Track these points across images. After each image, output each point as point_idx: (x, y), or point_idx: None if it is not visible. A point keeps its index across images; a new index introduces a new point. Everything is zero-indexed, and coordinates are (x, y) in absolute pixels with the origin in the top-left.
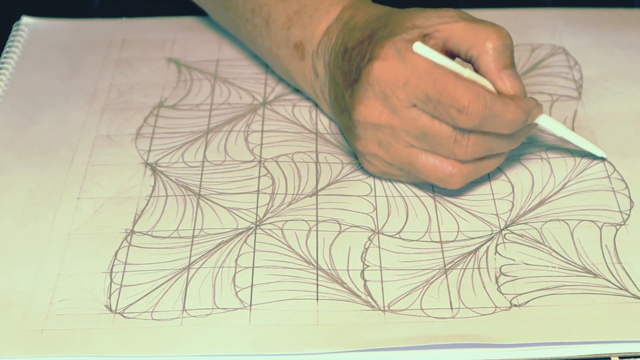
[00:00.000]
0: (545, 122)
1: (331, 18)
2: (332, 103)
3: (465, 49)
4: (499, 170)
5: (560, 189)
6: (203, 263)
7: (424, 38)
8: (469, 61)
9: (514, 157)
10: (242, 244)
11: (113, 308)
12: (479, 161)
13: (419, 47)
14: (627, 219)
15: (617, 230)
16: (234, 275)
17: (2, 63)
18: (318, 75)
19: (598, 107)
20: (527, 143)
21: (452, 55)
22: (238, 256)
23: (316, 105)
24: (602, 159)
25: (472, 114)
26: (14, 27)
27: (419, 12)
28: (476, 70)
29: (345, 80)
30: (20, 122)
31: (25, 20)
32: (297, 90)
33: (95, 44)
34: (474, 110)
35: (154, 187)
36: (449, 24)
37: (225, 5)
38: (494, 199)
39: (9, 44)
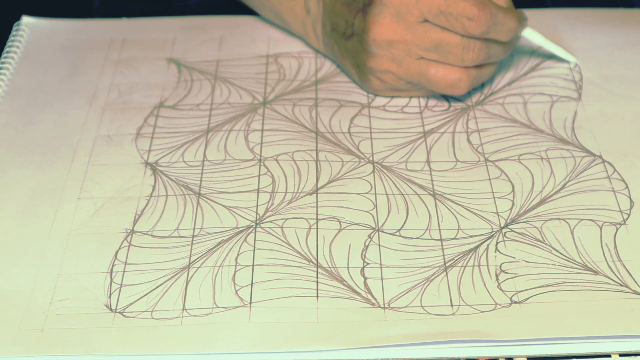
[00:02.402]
0: (529, 33)
1: None
2: (330, 34)
3: None
4: (499, 169)
5: (561, 188)
6: (203, 262)
7: None
8: None
9: (514, 157)
10: (242, 242)
11: (113, 307)
12: (480, 68)
13: None
14: (627, 218)
15: (617, 229)
16: (234, 274)
17: (2, 63)
18: (310, 11)
19: (598, 108)
20: (527, 143)
21: None
22: (238, 255)
23: (314, 108)
24: (571, 62)
25: (481, 21)
26: (14, 27)
27: None
28: None
29: (349, 9)
30: (21, 122)
31: (26, 20)
32: (297, 90)
33: (96, 44)
34: (482, 18)
35: (154, 187)
36: None
37: None
38: (494, 198)
39: (9, 44)
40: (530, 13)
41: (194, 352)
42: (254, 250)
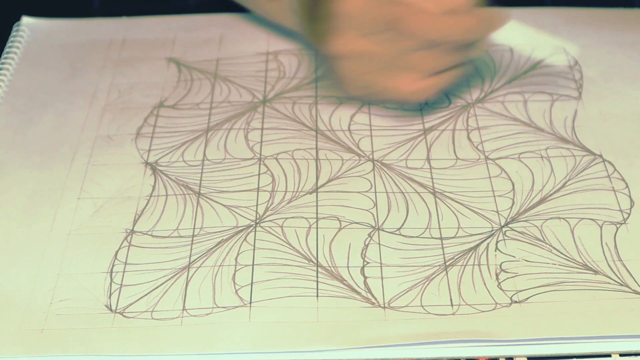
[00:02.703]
0: (513, 31)
1: None
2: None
3: None
4: (500, 167)
5: (561, 187)
6: (203, 262)
7: None
8: None
9: (514, 155)
10: (242, 241)
11: (113, 308)
12: (436, 76)
13: None
14: (627, 217)
15: (617, 228)
16: (234, 273)
17: (3, 64)
18: None
19: (598, 107)
20: (527, 142)
21: None
22: (238, 254)
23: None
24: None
25: (434, 30)
26: (14, 28)
27: None
28: None
29: None
30: (21, 122)
31: (26, 20)
32: (297, 88)
33: (96, 44)
34: (435, 26)
35: (154, 187)
36: None
37: None
38: (494, 196)
39: (9, 44)
40: (530, 12)
41: (193, 352)
42: (254, 249)
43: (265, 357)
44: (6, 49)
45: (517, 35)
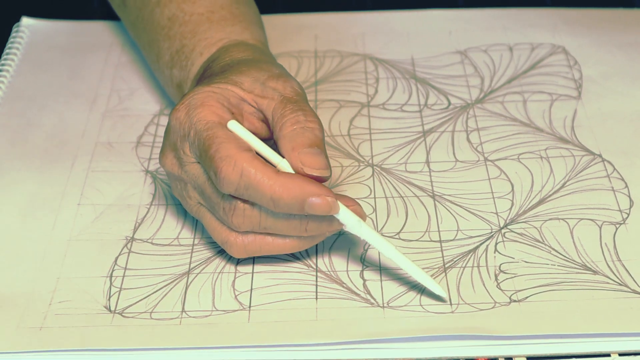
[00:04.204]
0: (347, 220)
1: (203, 59)
2: None
3: (273, 129)
4: (499, 169)
5: (560, 187)
6: (203, 269)
7: (240, 101)
8: (275, 143)
9: (513, 156)
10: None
11: (112, 309)
12: (261, 236)
13: (232, 125)
14: (626, 217)
15: (616, 229)
16: (234, 280)
17: (2, 65)
18: None
19: (598, 106)
20: (526, 142)
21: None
22: (238, 262)
23: None
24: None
25: (225, 180)
26: (14, 29)
27: (253, 73)
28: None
29: None
30: (20, 125)
31: (26, 21)
32: None
33: (96, 46)
34: (227, 176)
35: (154, 195)
36: (265, 99)
37: (133, 34)
38: (493, 198)
39: (9, 45)
40: (530, 12)
41: (192, 346)
42: (253, 258)
43: (264, 354)
44: (6, 50)
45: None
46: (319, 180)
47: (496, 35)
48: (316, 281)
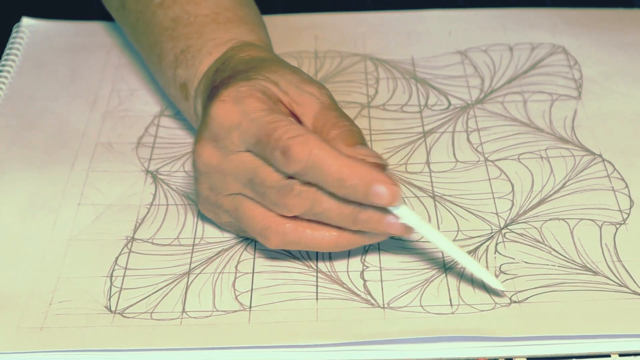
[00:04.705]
0: (406, 215)
1: (213, 58)
2: None
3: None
4: (499, 169)
5: (560, 188)
6: (203, 269)
7: (277, 100)
8: None
9: (513, 156)
10: (243, 251)
11: (112, 309)
12: (305, 225)
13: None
14: (627, 218)
15: (617, 229)
16: (234, 280)
17: (3, 65)
18: (198, 116)
19: (598, 106)
20: (526, 142)
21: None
22: (238, 262)
23: None
24: (501, 296)
25: (294, 158)
26: (14, 29)
27: (286, 74)
28: None
29: None
30: (20, 125)
31: (26, 21)
32: None
33: (96, 47)
34: (297, 154)
35: (154, 195)
36: (303, 106)
37: (133, 38)
38: (493, 198)
39: (9, 46)
40: (530, 12)
41: (193, 346)
42: (254, 258)
43: (264, 355)
44: (6, 50)
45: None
46: None
47: (496, 35)
48: (316, 282)
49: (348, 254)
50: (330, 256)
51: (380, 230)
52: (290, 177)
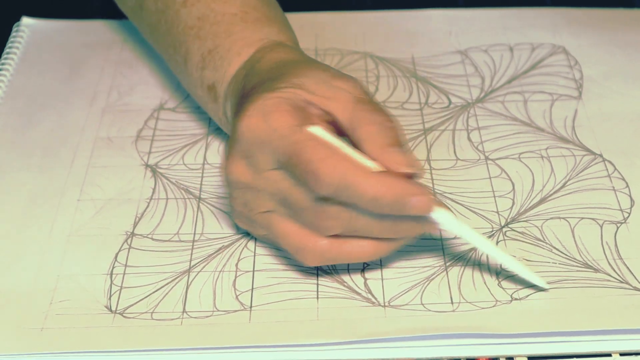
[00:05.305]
0: (445, 219)
1: (242, 60)
2: None
3: (348, 130)
4: (500, 168)
5: (561, 187)
6: (203, 267)
7: (306, 104)
8: (353, 143)
9: (514, 155)
10: (243, 248)
11: (113, 309)
12: (341, 241)
13: (316, 130)
14: (627, 217)
15: (617, 228)
16: (235, 279)
17: (2, 64)
18: (228, 119)
19: (598, 106)
20: (527, 142)
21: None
22: (238, 260)
23: None
24: (543, 289)
25: (325, 182)
26: (14, 28)
27: (315, 73)
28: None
29: None
30: (20, 123)
31: (26, 21)
32: None
33: (96, 45)
34: (327, 178)
35: (154, 189)
36: (335, 101)
37: (153, 38)
38: (494, 197)
39: (9, 44)
40: (530, 12)
41: (193, 346)
42: (254, 256)
43: (265, 354)
44: (6, 50)
45: (453, 228)
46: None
47: (496, 35)
48: (317, 280)
49: None
50: None
51: (420, 233)
52: (324, 197)
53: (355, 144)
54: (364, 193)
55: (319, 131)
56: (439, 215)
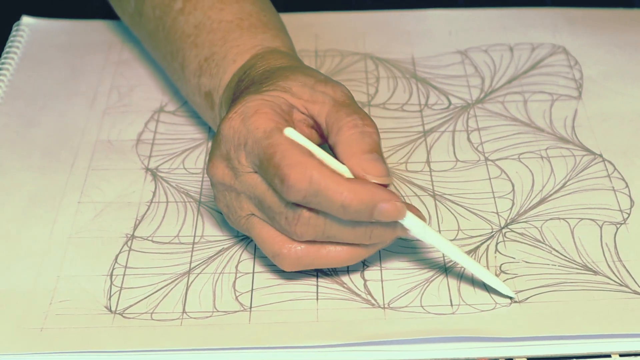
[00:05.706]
0: (414, 225)
1: (237, 67)
2: None
3: (328, 134)
4: (500, 168)
5: (561, 187)
6: (203, 269)
7: (290, 108)
8: (330, 147)
9: (514, 156)
10: (243, 250)
11: (113, 309)
12: (317, 246)
13: (290, 132)
14: (627, 217)
15: (617, 228)
16: (234, 281)
17: (2, 64)
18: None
19: (598, 106)
20: (527, 142)
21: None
22: (238, 262)
23: None
24: (510, 298)
25: (294, 188)
26: (14, 28)
27: (301, 78)
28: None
29: None
30: (21, 124)
31: (26, 20)
32: None
33: (96, 45)
34: (296, 184)
35: (154, 193)
36: (317, 105)
37: (151, 46)
38: (494, 197)
39: (9, 44)
40: (530, 12)
41: (193, 347)
42: (254, 258)
43: (265, 355)
44: (6, 49)
45: (421, 235)
46: None
47: (496, 35)
48: (317, 282)
49: None
50: None
51: (395, 238)
52: (296, 203)
53: (331, 149)
54: (333, 200)
55: (292, 133)
56: (409, 222)
